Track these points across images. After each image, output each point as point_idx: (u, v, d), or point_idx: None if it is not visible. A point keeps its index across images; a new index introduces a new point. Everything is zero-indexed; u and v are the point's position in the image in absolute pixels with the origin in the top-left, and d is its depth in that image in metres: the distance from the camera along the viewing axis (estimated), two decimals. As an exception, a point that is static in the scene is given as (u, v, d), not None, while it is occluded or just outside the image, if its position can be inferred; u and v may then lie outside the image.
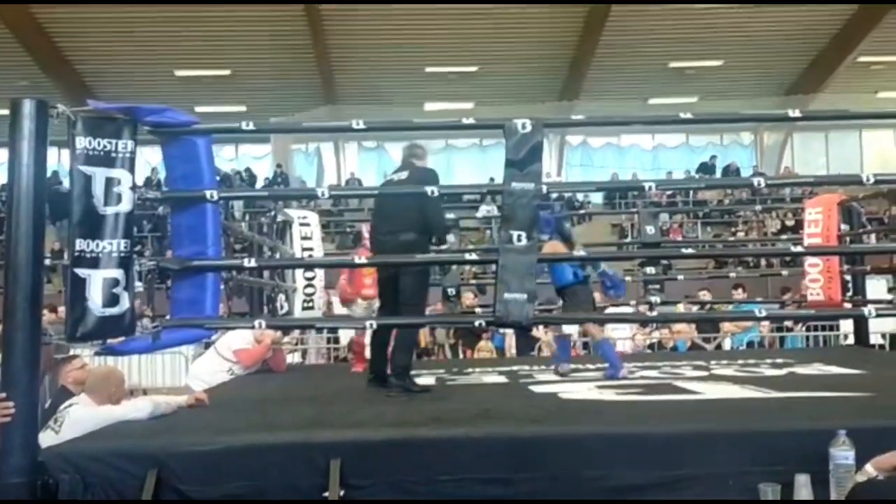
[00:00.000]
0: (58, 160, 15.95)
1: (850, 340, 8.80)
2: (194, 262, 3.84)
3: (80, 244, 3.46)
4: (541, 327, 9.26)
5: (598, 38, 20.77)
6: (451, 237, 18.16)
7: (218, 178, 4.32)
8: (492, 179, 16.17)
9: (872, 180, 4.00)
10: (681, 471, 3.28)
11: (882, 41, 20.82)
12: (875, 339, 9.19)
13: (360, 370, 6.37)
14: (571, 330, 7.84)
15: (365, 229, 6.60)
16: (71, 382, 4.93)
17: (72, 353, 5.96)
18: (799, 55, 22.28)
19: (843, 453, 3.02)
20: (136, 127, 3.65)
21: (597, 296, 6.69)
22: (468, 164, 24.98)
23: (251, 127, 4.06)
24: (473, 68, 22.13)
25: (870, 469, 2.82)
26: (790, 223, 18.05)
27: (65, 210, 3.59)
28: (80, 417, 3.76)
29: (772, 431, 3.46)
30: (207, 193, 3.82)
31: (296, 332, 10.53)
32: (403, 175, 5.25)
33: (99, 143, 3.52)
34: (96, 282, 3.46)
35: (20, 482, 3.12)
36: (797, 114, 4.29)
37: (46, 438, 3.48)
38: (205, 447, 3.35)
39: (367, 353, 5.99)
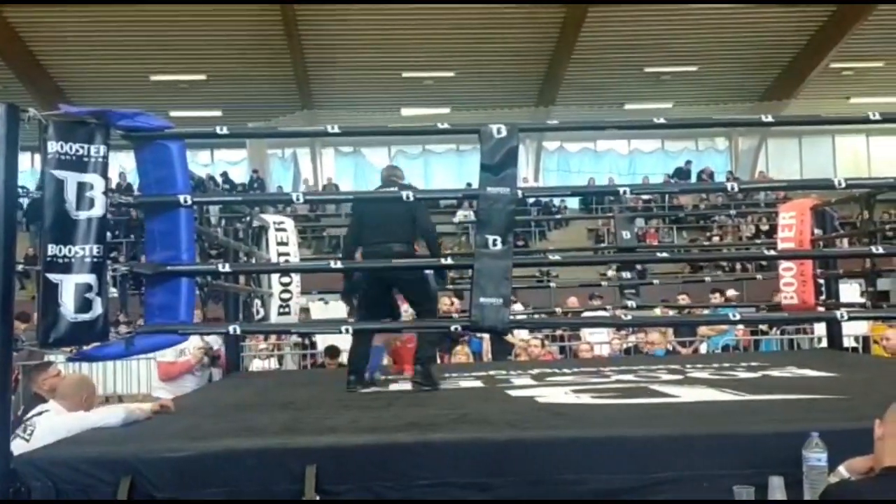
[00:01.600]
0: (31, 165, 15.80)
1: (824, 344, 8.88)
2: (168, 266, 3.81)
3: (52, 249, 3.42)
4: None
5: (573, 44, 20.91)
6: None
7: (192, 182, 4.28)
8: (469, 185, 16.19)
9: (844, 184, 4.05)
10: (657, 474, 3.29)
11: (853, 47, 21.14)
12: (848, 342, 9.29)
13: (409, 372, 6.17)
14: None
15: None
16: (47, 390, 4.88)
17: (46, 359, 5.90)
18: (772, 61, 22.55)
19: (816, 455, 3.04)
20: (109, 131, 3.62)
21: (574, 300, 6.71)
22: (445, 169, 25.04)
23: (225, 131, 4.04)
24: (450, 73, 22.19)
25: (843, 471, 2.84)
26: (765, 228, 18.25)
27: (38, 215, 3.55)
28: (51, 425, 3.72)
29: (746, 434, 3.48)
30: (181, 198, 3.80)
31: (272, 338, 10.51)
32: (393, 190, 5.32)
33: (71, 148, 3.48)
34: (69, 287, 3.43)
35: (-9, 490, 3.08)
36: (770, 119, 4.33)
37: (16, 447, 3.43)
38: (179, 453, 3.32)
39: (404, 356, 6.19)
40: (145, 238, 3.98)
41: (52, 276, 3.42)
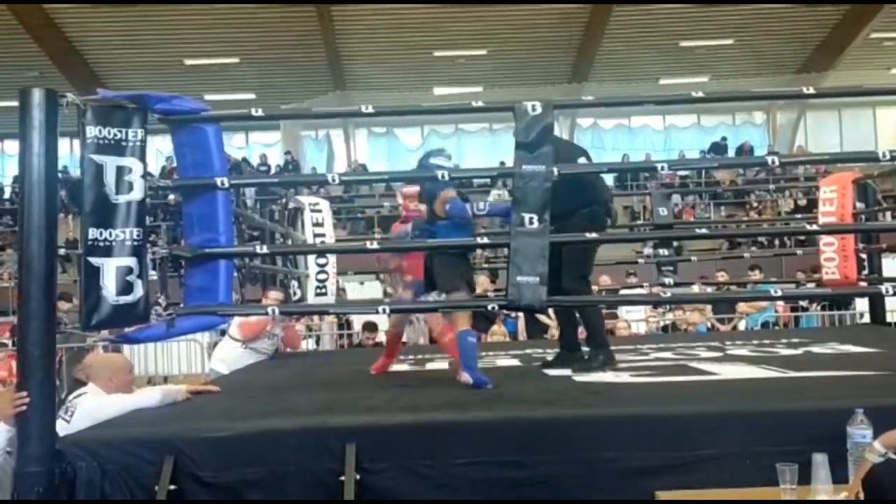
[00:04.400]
0: (70, 150, 16.03)
1: (866, 319, 8.75)
2: (206, 249, 3.84)
3: (92, 233, 3.47)
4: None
5: (607, 19, 20.63)
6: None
7: (228, 165, 4.31)
8: (502, 163, 16.11)
9: (889, 156, 3.95)
10: (696, 452, 3.27)
11: (894, 17, 20.59)
12: (891, 317, 9.14)
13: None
14: None
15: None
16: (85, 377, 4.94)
17: (90, 342, 5.99)
18: (810, 33, 22.07)
19: (860, 432, 3.00)
20: (146, 115, 3.65)
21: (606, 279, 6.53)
22: (478, 148, 24.91)
23: (260, 113, 4.05)
24: (482, 52, 22.03)
25: (878, 446, 2.80)
26: (803, 203, 17.96)
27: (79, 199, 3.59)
28: (90, 407, 3.77)
29: (788, 411, 3.44)
30: (218, 181, 3.82)
31: (312, 319, 10.58)
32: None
33: (109, 132, 3.51)
34: (110, 270, 3.47)
35: (38, 470, 3.14)
36: (811, 90, 4.24)
37: (58, 428, 3.49)
38: (220, 433, 3.36)
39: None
40: (183, 221, 4.01)
41: (94, 260, 3.46)
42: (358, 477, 3.19)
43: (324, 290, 7.85)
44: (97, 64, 22.02)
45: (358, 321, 10.47)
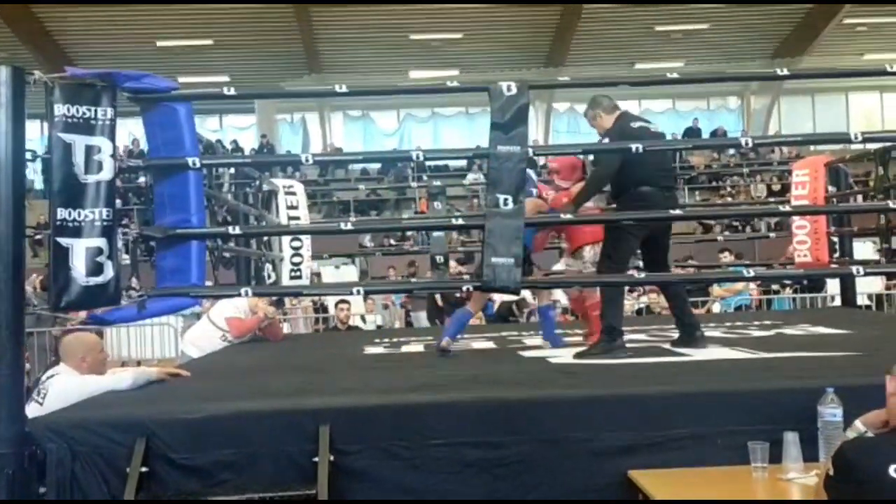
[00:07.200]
0: (41, 133, 15.80)
1: (837, 302, 8.85)
2: (178, 230, 3.80)
3: (61, 213, 3.41)
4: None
5: (582, 3, 20.63)
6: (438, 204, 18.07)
7: (201, 145, 4.26)
8: (479, 147, 16.11)
9: (861, 138, 3.98)
10: (669, 431, 3.29)
11: (867, 2, 20.75)
12: (861, 300, 9.26)
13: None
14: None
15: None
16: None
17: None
18: (784, 18, 22.21)
19: (831, 411, 3.03)
20: (116, 93, 3.59)
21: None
22: (455, 131, 24.87)
23: (233, 92, 4.00)
24: (458, 35, 21.96)
25: (859, 426, 2.83)
26: (776, 188, 18.12)
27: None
28: (63, 388, 3.73)
29: (760, 390, 3.47)
30: (189, 161, 3.77)
31: (284, 303, 10.53)
32: (656, 126, 5.19)
33: (78, 111, 3.45)
34: (79, 251, 3.42)
35: (7, 453, 3.09)
36: (785, 72, 4.26)
37: (31, 410, 3.46)
38: (193, 415, 3.33)
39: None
40: (154, 202, 3.96)
41: (63, 240, 3.40)
42: (332, 458, 3.17)
43: (298, 274, 7.80)
44: (67, 45, 21.70)
45: (333, 306, 10.44)
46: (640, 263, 5.51)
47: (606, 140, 5.04)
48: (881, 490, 2.34)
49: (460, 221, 4.99)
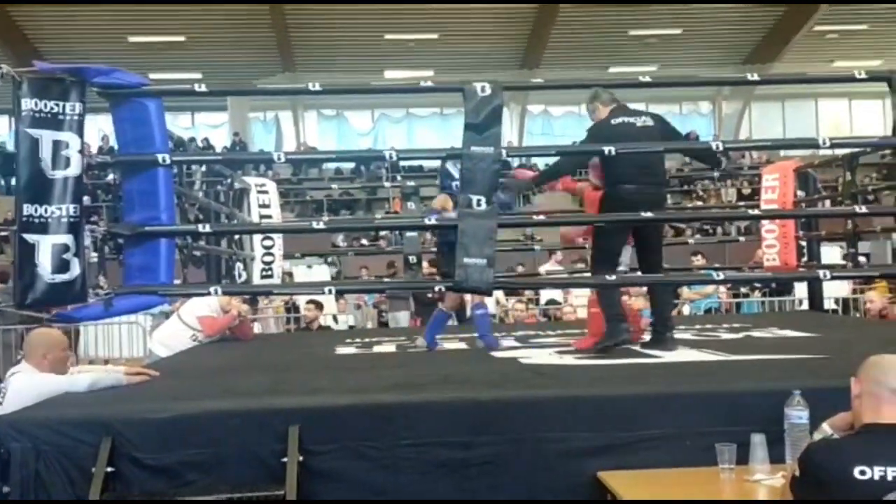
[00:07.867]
0: (9, 129, 15.60)
1: (805, 306, 8.95)
2: (146, 227, 3.76)
3: (27, 209, 3.37)
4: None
5: (558, 6, 20.71)
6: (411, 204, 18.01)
7: (171, 142, 4.22)
8: (452, 148, 16.13)
9: (829, 143, 4.03)
10: (639, 432, 3.31)
11: (837, 10, 21.03)
12: (829, 304, 9.36)
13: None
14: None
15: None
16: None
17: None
18: (756, 24, 22.45)
19: (797, 413, 3.06)
20: (85, 89, 3.55)
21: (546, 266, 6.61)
22: (429, 132, 24.85)
23: (204, 89, 3.97)
24: (433, 35, 21.94)
25: (826, 428, 2.86)
26: (747, 192, 18.30)
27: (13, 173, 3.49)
28: (19, 387, 3.63)
29: (728, 392, 3.50)
30: (159, 157, 3.74)
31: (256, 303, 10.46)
32: (649, 121, 4.95)
33: (45, 105, 3.41)
34: (45, 247, 3.38)
35: (-31, 452, 3.05)
36: (756, 77, 4.31)
37: (-7, 409, 3.39)
38: (160, 414, 3.29)
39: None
40: (123, 198, 3.92)
41: (29, 237, 3.37)
42: (301, 458, 3.15)
43: (270, 273, 7.76)
44: (38, 40, 21.39)
45: (305, 306, 10.38)
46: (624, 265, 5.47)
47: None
48: (847, 491, 2.37)
49: (433, 221, 4.97)
